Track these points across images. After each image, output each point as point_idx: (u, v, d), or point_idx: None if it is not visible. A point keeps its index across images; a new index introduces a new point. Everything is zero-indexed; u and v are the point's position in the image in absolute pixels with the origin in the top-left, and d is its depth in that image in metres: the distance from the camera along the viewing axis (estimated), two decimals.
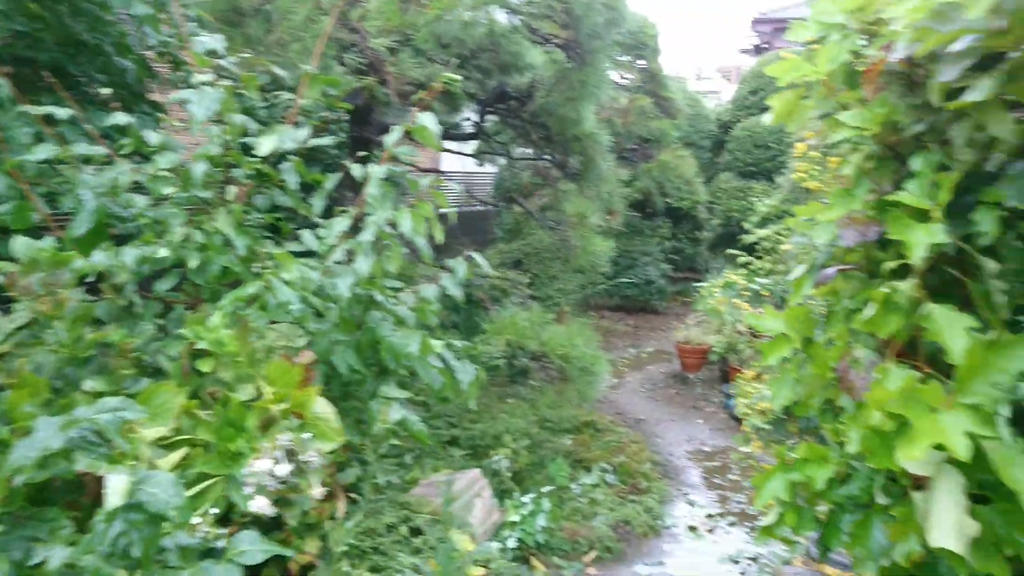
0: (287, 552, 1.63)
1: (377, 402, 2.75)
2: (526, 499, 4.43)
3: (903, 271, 1.70)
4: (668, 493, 5.37)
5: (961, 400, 1.35)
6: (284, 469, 1.75)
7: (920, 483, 1.51)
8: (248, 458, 1.78)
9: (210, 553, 1.64)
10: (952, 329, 1.45)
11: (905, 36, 1.66)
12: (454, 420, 5.14)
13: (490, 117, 7.00)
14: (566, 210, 5.69)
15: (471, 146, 7.63)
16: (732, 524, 4.96)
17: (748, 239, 7.76)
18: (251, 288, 2.25)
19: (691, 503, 5.31)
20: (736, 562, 4.43)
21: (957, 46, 1.27)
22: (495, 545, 3.99)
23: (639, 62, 11.39)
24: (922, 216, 1.66)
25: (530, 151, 7.04)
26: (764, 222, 8.08)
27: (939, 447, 1.29)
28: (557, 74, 5.12)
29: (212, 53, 2.40)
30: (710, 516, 5.09)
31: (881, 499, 1.72)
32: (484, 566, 3.00)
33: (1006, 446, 1.33)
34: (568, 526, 4.52)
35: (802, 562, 4.26)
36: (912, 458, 1.25)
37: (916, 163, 1.73)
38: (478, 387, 3.20)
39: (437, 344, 3.18)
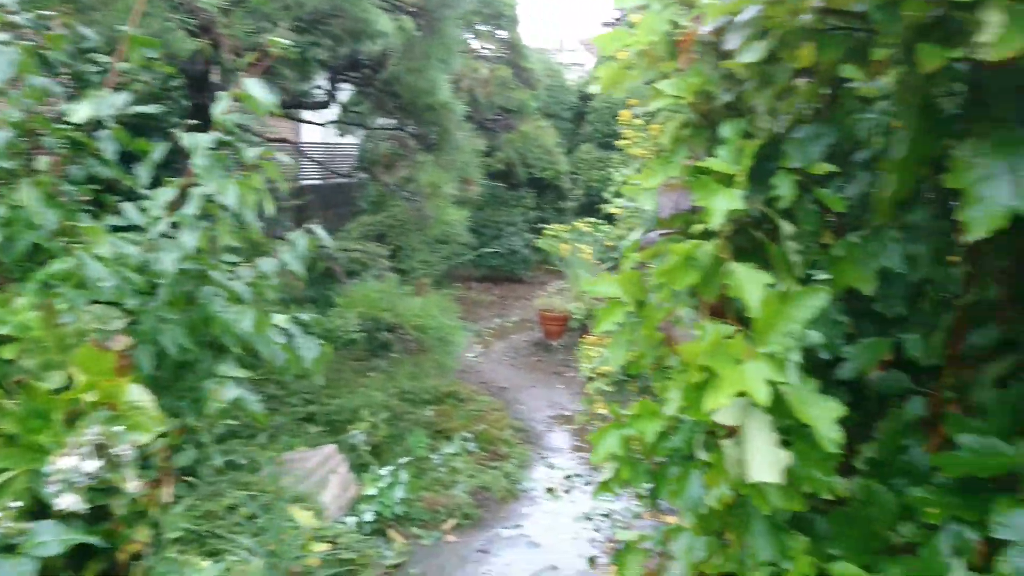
0: (90, 540, 1.55)
1: (212, 382, 2.64)
2: (384, 472, 4.41)
3: (712, 233, 1.78)
4: (528, 458, 5.50)
5: (760, 350, 1.44)
6: (92, 465, 1.65)
7: (732, 433, 1.61)
8: (53, 453, 1.67)
9: (10, 548, 1.54)
10: (751, 285, 1.53)
11: (713, 8, 1.73)
12: (311, 397, 5.03)
13: (346, 86, 6.82)
14: (420, 180, 5.64)
15: (332, 117, 7.43)
16: (588, 484, 5.14)
17: (607, 208, 7.97)
18: (58, 265, 2.10)
19: (550, 466, 5.45)
20: (590, 519, 4.60)
21: (743, 16, 1.34)
22: (352, 520, 3.96)
23: (499, 32, 11.39)
24: (729, 181, 1.74)
25: (390, 121, 6.92)
26: (621, 192, 8.31)
27: (743, 394, 1.36)
28: (407, 42, 5.04)
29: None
30: (568, 477, 5.25)
31: (699, 450, 1.82)
32: (331, 542, 2.97)
33: (799, 389, 1.42)
34: (428, 496, 4.54)
35: (651, 515, 4.47)
36: (719, 406, 1.32)
37: (725, 130, 1.80)
38: (324, 362, 3.13)
39: (281, 319, 3.09)
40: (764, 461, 1.38)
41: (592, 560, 3.80)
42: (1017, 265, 1.61)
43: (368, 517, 4.05)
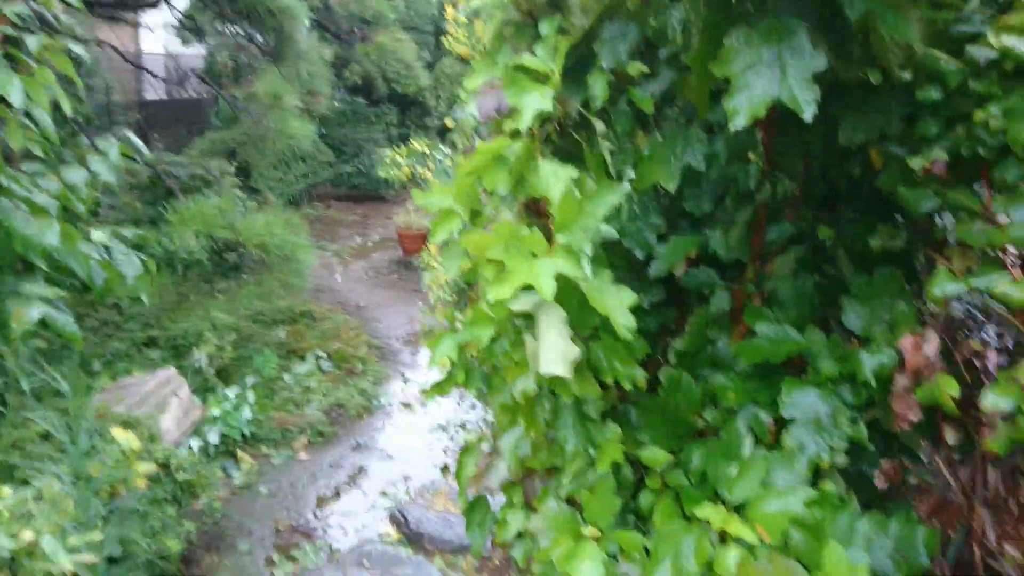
0: None
1: (16, 302, 2.44)
2: (230, 393, 4.29)
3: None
4: (384, 374, 5.50)
5: (559, 242, 1.46)
6: None
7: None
8: None
9: None
10: (554, 181, 1.53)
11: None
12: (151, 321, 4.79)
13: None
14: (259, 91, 5.33)
15: (168, 21, 6.87)
16: (444, 396, 5.20)
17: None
18: None
19: (406, 381, 5.48)
20: (445, 429, 4.68)
21: None
22: (196, 442, 3.85)
23: None
24: (546, 80, 1.72)
25: (237, 31, 6.46)
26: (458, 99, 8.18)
27: (532, 287, 1.37)
28: None
29: None
30: (425, 391, 5.28)
31: (505, 348, 1.84)
32: (163, 464, 2.88)
33: (595, 281, 1.45)
34: (278, 416, 4.47)
35: None
36: (500, 296, 1.32)
37: (543, 28, 1.78)
38: (148, 280, 2.97)
39: (99, 235, 2.89)
40: (554, 354, 1.40)
41: (445, 468, 3.87)
42: (807, 163, 1.70)
43: (214, 439, 3.95)
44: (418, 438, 4.59)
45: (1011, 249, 1.24)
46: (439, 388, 2.40)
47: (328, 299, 6.96)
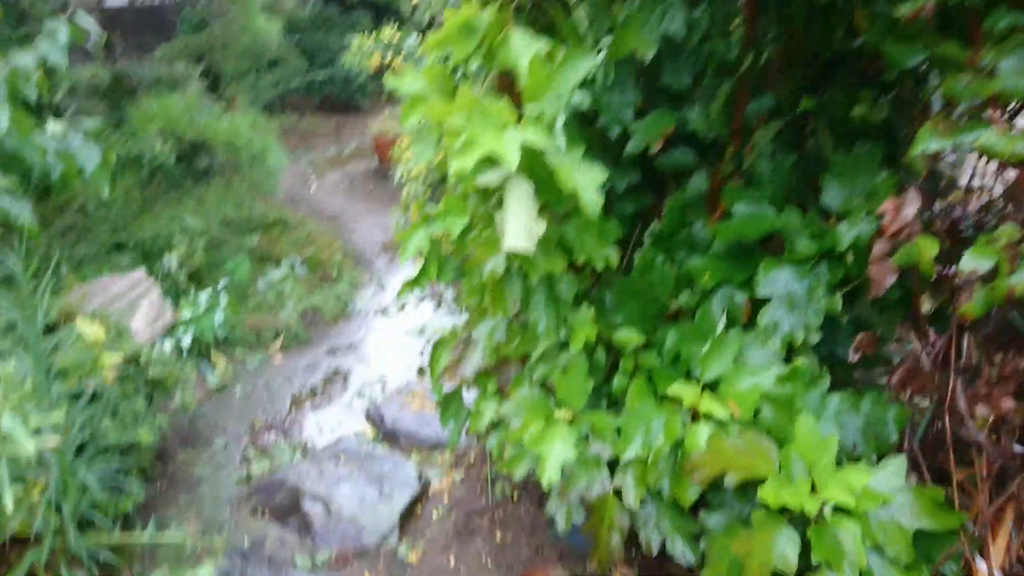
0: None
1: None
2: (202, 296, 4.23)
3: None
4: (360, 280, 5.45)
5: (526, 113, 1.39)
6: None
7: None
8: None
9: None
10: (523, 50, 1.45)
11: None
12: (119, 225, 4.66)
13: None
14: None
15: None
16: (422, 300, 5.17)
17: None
18: None
19: (383, 287, 5.44)
20: (423, 332, 4.67)
21: None
22: (168, 344, 3.81)
23: None
24: None
25: None
26: None
27: (494, 160, 1.30)
28: None
29: None
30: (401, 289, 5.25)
31: (483, 229, 1.79)
32: (134, 360, 2.84)
33: (564, 155, 1.38)
34: (252, 319, 4.42)
35: None
36: (463, 167, 1.26)
37: None
38: (108, 173, 2.87)
39: (56, 126, 2.78)
40: (519, 230, 1.35)
41: (421, 370, 3.87)
42: (790, 29, 1.62)
43: (186, 341, 3.91)
44: (395, 342, 4.58)
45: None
46: (414, 283, 2.35)
47: (302, 207, 6.84)
